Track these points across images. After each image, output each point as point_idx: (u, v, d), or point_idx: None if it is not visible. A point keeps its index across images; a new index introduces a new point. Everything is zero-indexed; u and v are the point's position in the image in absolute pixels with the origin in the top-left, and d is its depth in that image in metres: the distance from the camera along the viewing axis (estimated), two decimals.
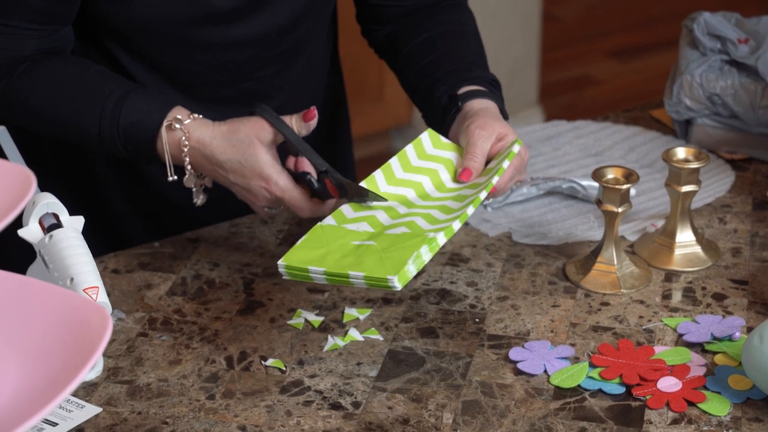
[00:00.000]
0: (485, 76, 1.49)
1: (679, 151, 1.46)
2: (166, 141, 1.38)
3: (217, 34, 1.45)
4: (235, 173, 1.37)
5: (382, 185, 1.38)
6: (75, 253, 1.23)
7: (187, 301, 1.42)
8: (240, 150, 1.36)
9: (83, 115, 1.40)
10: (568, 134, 1.76)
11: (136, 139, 1.39)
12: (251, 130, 1.36)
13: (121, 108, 1.38)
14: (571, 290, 1.43)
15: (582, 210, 1.59)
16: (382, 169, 1.39)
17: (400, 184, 1.39)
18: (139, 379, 1.29)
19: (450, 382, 1.28)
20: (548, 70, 3.88)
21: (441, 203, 1.36)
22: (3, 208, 0.83)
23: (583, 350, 1.33)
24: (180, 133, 1.37)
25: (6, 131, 1.34)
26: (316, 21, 1.53)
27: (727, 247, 1.51)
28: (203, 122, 1.38)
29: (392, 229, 1.30)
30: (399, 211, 1.35)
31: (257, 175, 1.36)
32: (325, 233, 1.30)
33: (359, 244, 1.27)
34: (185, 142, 1.37)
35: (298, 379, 1.29)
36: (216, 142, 1.37)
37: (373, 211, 1.35)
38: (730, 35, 1.70)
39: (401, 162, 1.41)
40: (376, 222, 1.32)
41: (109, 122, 1.39)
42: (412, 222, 1.31)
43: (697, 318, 1.37)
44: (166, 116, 1.38)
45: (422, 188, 1.39)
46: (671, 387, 1.26)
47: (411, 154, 1.41)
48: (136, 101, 1.39)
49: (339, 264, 1.24)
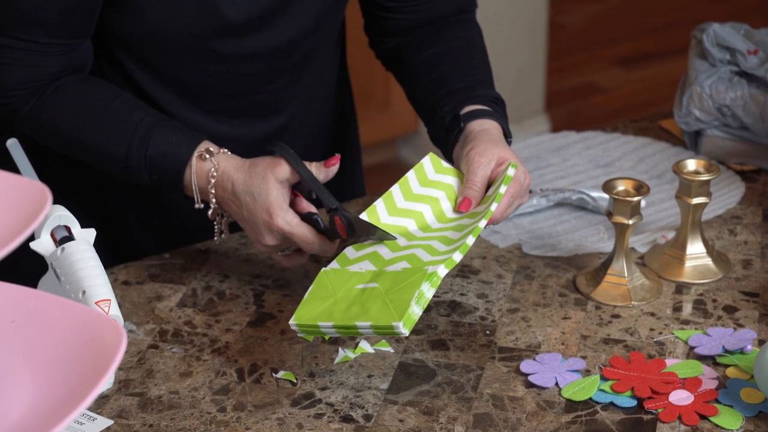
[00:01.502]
0: (488, 94, 1.48)
1: (690, 163, 1.46)
2: (195, 171, 1.38)
3: (229, 46, 1.45)
4: (246, 206, 1.37)
5: (383, 216, 1.37)
6: (87, 266, 1.23)
7: (197, 313, 1.42)
8: (255, 183, 1.36)
9: (111, 143, 1.41)
10: (577, 145, 1.76)
11: (163, 169, 1.39)
12: (269, 166, 1.36)
13: (150, 138, 1.39)
14: (582, 302, 1.43)
15: (592, 221, 1.59)
16: (384, 199, 1.38)
17: (401, 214, 1.38)
18: (150, 391, 1.29)
19: (461, 395, 1.28)
20: (554, 78, 3.89)
21: (441, 234, 1.35)
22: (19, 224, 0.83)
23: (594, 363, 1.32)
24: (210, 164, 1.38)
25: (18, 144, 1.34)
26: (325, 33, 1.53)
27: (738, 259, 1.50)
28: (231, 156, 1.39)
29: (393, 265, 1.30)
30: (400, 244, 1.34)
31: (264, 210, 1.35)
32: (329, 279, 1.30)
33: (363, 287, 1.27)
34: (213, 173, 1.38)
35: (309, 392, 1.29)
36: (238, 174, 1.37)
37: (374, 246, 1.35)
38: (739, 46, 1.70)
39: (402, 190, 1.39)
40: (378, 258, 1.32)
41: (136, 152, 1.39)
42: (412, 255, 1.31)
43: (709, 330, 1.36)
44: (197, 147, 1.39)
45: (423, 219, 1.38)
46: (683, 400, 1.26)
47: (413, 181, 1.40)
48: (165, 132, 1.39)
49: (346, 315, 1.24)
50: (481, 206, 1.37)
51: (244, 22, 1.43)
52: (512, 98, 3.52)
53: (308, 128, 1.62)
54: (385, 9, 1.57)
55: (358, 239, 1.37)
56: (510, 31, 3.40)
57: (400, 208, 1.38)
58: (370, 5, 1.58)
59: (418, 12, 1.56)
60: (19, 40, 1.38)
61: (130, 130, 1.40)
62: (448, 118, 1.45)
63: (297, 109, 1.57)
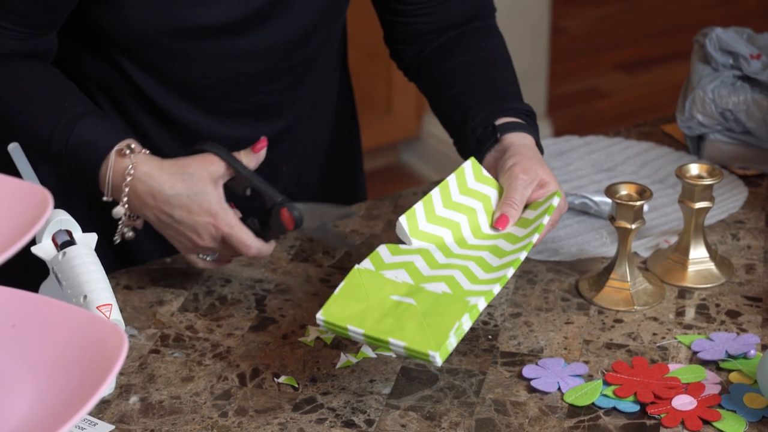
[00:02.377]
0: (521, 107, 1.45)
1: (693, 167, 1.45)
2: (112, 166, 1.34)
3: (226, 45, 1.44)
4: (181, 208, 1.33)
5: (422, 222, 1.35)
6: (88, 271, 1.22)
7: (199, 318, 1.41)
8: (189, 184, 1.33)
9: (38, 122, 1.38)
10: (579, 149, 1.76)
11: (83, 159, 1.35)
12: (202, 165, 1.33)
13: (74, 125, 1.36)
14: (584, 307, 1.42)
15: (594, 226, 1.58)
16: (423, 203, 1.36)
17: (439, 222, 1.36)
18: (151, 396, 1.29)
19: (463, 400, 1.28)
20: (556, 83, 3.88)
21: (478, 254, 1.32)
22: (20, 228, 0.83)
23: (596, 368, 1.32)
24: (128, 161, 1.34)
25: (19, 148, 1.34)
26: (326, 35, 1.53)
27: (741, 264, 1.50)
28: (152, 157, 1.35)
29: (431, 284, 1.28)
30: (437, 259, 1.32)
31: (205, 211, 1.33)
32: (363, 280, 1.27)
33: (399, 300, 1.25)
34: (130, 171, 1.33)
35: (310, 397, 1.28)
36: (165, 176, 1.33)
37: (410, 256, 1.32)
38: (742, 51, 1.69)
39: (443, 195, 1.37)
40: (415, 270, 1.30)
41: (59, 137, 1.36)
42: (451, 277, 1.28)
43: (712, 335, 1.36)
44: (120, 142, 1.35)
45: (459, 231, 1.35)
46: (686, 405, 1.25)
47: (453, 187, 1.37)
48: (92, 122, 1.36)
49: (379, 327, 1.22)
50: (519, 229, 1.35)
51: (241, 20, 1.42)
52: None
53: (310, 132, 1.61)
54: (400, 14, 1.55)
55: (308, 231, 1.35)
56: (512, 35, 3.38)
57: (439, 216, 1.36)
58: (385, 12, 1.57)
59: (433, 15, 1.54)
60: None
61: (58, 113, 1.36)
62: (480, 129, 1.42)
63: (299, 113, 1.57)
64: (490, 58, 1.53)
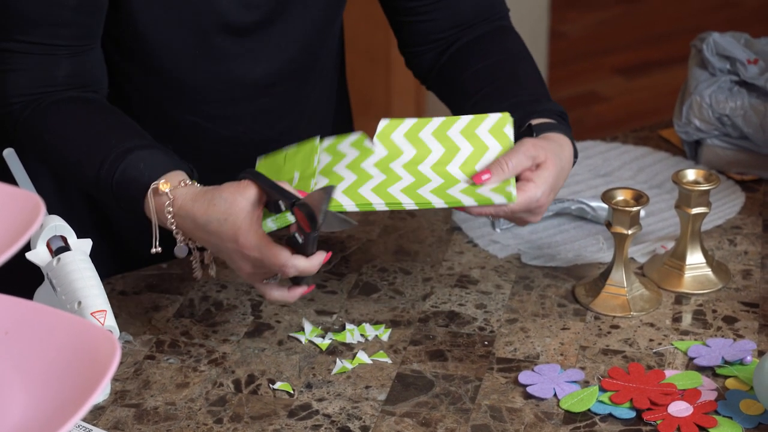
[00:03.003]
0: (554, 107, 1.43)
1: (689, 173, 1.45)
2: (152, 204, 1.30)
3: (231, 47, 1.45)
4: (215, 235, 1.27)
5: (397, 134, 1.35)
6: (83, 277, 1.22)
7: (194, 323, 1.41)
8: (220, 209, 1.26)
9: (85, 160, 1.35)
10: None
11: (126, 196, 1.32)
12: (236, 190, 1.26)
13: (120, 161, 1.32)
14: (581, 313, 1.42)
15: (591, 231, 1.58)
16: (416, 121, 1.36)
17: (412, 141, 1.34)
18: (146, 402, 1.28)
19: (459, 406, 1.27)
20: (555, 87, 3.88)
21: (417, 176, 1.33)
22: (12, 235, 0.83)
23: (593, 374, 1.32)
24: (165, 198, 1.29)
25: (14, 153, 1.34)
26: (325, 36, 1.53)
27: (738, 269, 1.50)
28: (188, 188, 1.29)
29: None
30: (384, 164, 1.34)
31: (230, 237, 1.25)
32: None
33: None
34: (169, 209, 1.29)
35: (306, 403, 1.28)
36: (197, 205, 1.27)
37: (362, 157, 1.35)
38: (739, 56, 1.69)
39: (441, 125, 1.35)
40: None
41: (105, 174, 1.33)
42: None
43: (708, 341, 1.36)
44: (159, 178, 1.30)
45: (423, 157, 1.35)
46: (682, 411, 1.25)
47: (459, 124, 1.35)
48: (137, 158, 1.32)
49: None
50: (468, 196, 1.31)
51: (247, 23, 1.43)
52: None
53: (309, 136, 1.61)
54: (408, 12, 1.53)
55: (323, 229, 1.27)
56: None
57: (419, 137, 1.35)
58: (394, 13, 1.55)
59: (441, 11, 1.52)
60: (25, 44, 1.35)
61: (105, 151, 1.33)
62: (516, 131, 1.38)
63: (299, 117, 1.57)
64: (514, 61, 1.50)
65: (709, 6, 4.52)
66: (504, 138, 1.36)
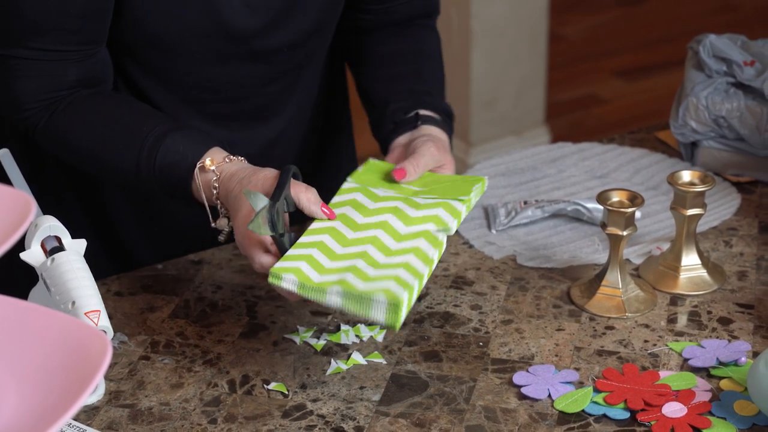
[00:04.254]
0: (443, 105, 1.52)
1: (684, 174, 1.45)
2: (200, 183, 1.34)
3: (232, 50, 1.45)
4: (231, 210, 1.33)
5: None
6: (77, 277, 1.22)
7: (189, 324, 1.41)
8: (243, 188, 1.31)
9: (121, 154, 1.38)
10: (573, 156, 1.76)
11: (172, 180, 1.36)
12: (266, 177, 1.31)
13: (158, 148, 1.36)
14: (576, 314, 1.42)
15: (587, 233, 1.58)
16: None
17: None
18: (140, 402, 1.28)
19: (453, 407, 1.27)
20: (555, 90, 3.88)
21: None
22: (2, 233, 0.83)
23: (587, 375, 1.32)
24: (212, 174, 1.34)
25: (9, 154, 1.34)
26: (325, 34, 1.54)
27: (733, 271, 1.50)
28: (232, 163, 1.35)
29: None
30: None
31: (234, 214, 1.31)
32: None
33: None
34: (215, 184, 1.34)
35: (300, 403, 1.28)
36: (233, 181, 1.32)
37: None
38: (736, 57, 1.69)
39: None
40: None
41: (146, 163, 1.36)
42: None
43: (703, 342, 1.36)
44: (202, 157, 1.35)
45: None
46: (676, 412, 1.25)
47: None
48: (174, 141, 1.36)
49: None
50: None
51: (250, 27, 1.43)
52: (513, 109, 3.52)
53: (306, 134, 1.62)
54: (352, 7, 1.58)
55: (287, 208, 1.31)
56: (511, 42, 3.40)
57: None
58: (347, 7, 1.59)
59: (380, 13, 1.59)
60: (35, 50, 1.37)
61: (140, 140, 1.37)
62: (401, 113, 1.49)
63: (295, 113, 1.58)
64: (425, 54, 1.59)
65: (709, 9, 4.52)
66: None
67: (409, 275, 1.25)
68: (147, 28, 1.41)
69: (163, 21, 1.40)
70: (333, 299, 1.23)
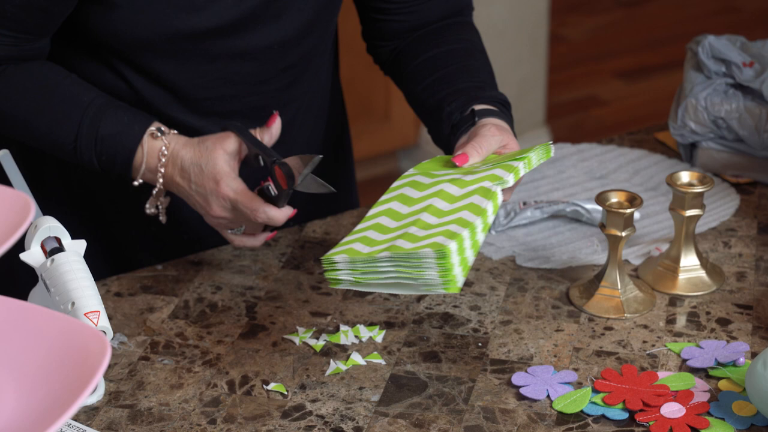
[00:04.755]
0: (497, 96, 1.48)
1: (683, 175, 1.45)
2: (146, 150, 1.41)
3: (220, 46, 1.45)
4: (195, 176, 1.40)
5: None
6: (76, 277, 1.22)
7: (189, 325, 1.41)
8: (203, 155, 1.40)
9: (59, 124, 1.42)
10: (572, 157, 1.76)
11: (114, 149, 1.41)
12: (217, 139, 1.41)
13: (100, 119, 1.41)
14: (575, 314, 1.42)
15: (586, 233, 1.58)
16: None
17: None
18: (140, 403, 1.29)
19: (452, 407, 1.28)
20: (555, 91, 3.89)
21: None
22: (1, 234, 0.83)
23: (586, 375, 1.32)
24: (161, 142, 1.41)
25: (9, 155, 1.34)
26: (320, 36, 1.53)
27: (732, 272, 1.50)
28: (179, 136, 1.43)
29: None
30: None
31: (211, 178, 1.39)
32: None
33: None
34: (164, 152, 1.41)
35: (299, 404, 1.28)
36: (186, 150, 1.41)
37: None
38: (735, 59, 1.69)
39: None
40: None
41: (86, 132, 1.41)
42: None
43: (702, 343, 1.36)
44: (149, 127, 1.42)
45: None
46: (675, 413, 1.25)
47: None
48: (116, 113, 1.42)
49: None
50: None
51: (232, 22, 1.43)
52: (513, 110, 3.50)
53: (303, 136, 1.62)
54: (381, 11, 1.57)
55: (300, 187, 1.37)
56: (511, 43, 3.40)
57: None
58: (366, 10, 1.58)
59: (413, 14, 1.56)
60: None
61: (80, 111, 1.41)
62: (457, 114, 1.45)
63: (293, 116, 1.57)
64: (466, 50, 1.56)
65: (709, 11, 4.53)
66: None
67: (459, 227, 1.22)
68: (128, 27, 1.41)
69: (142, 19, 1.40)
70: (384, 267, 1.20)
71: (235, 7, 1.42)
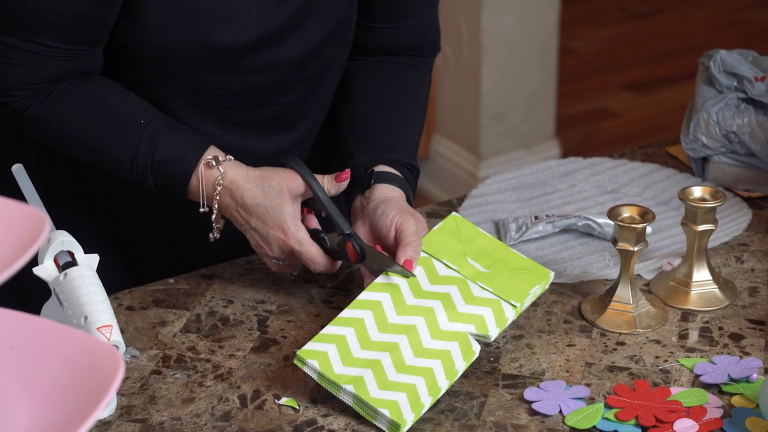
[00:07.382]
0: (406, 161, 1.50)
1: (696, 190, 1.45)
2: (203, 178, 1.41)
3: (245, 59, 1.45)
4: (258, 218, 1.40)
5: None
6: (89, 292, 1.23)
7: (201, 339, 1.42)
8: (269, 197, 1.39)
9: (117, 145, 1.42)
10: (584, 171, 1.76)
11: (170, 174, 1.41)
12: (284, 180, 1.40)
13: (157, 142, 1.41)
14: (587, 329, 1.42)
15: (598, 248, 1.58)
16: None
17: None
18: (152, 417, 1.29)
19: (464, 422, 1.27)
20: (565, 103, 3.89)
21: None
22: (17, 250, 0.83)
23: (598, 390, 1.32)
24: (217, 172, 1.41)
25: (23, 169, 1.35)
26: (338, 45, 1.54)
27: (745, 287, 1.50)
28: (237, 164, 1.42)
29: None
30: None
31: (278, 226, 1.39)
32: None
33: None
34: (220, 181, 1.40)
35: (311, 418, 1.28)
36: (248, 185, 1.40)
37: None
38: (746, 73, 1.69)
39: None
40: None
41: (144, 155, 1.41)
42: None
43: (714, 359, 1.36)
44: (204, 154, 1.41)
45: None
46: (688, 429, 1.25)
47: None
48: (173, 137, 1.41)
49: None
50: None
51: (260, 37, 1.44)
52: (523, 123, 3.52)
53: (321, 145, 1.62)
54: (358, 26, 1.58)
55: (371, 266, 1.39)
56: (521, 55, 3.40)
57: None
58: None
59: (381, 35, 1.58)
60: (29, 42, 1.39)
61: (138, 133, 1.41)
62: (360, 169, 1.48)
63: (312, 125, 1.58)
64: (404, 102, 1.57)
65: (719, 23, 4.53)
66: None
67: (425, 390, 1.27)
68: (156, 36, 1.41)
69: (172, 30, 1.41)
70: (345, 398, 1.27)
71: (262, 23, 1.43)
